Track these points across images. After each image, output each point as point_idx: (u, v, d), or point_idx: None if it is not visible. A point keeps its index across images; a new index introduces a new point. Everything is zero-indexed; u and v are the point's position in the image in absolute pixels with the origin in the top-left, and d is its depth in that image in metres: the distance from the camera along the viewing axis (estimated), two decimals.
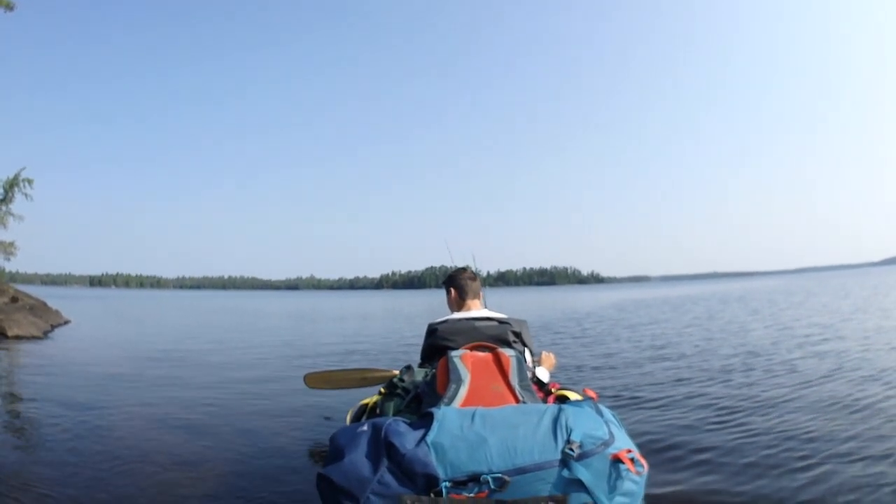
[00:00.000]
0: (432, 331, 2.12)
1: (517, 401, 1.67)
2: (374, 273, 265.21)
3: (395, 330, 12.62)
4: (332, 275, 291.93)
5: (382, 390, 2.19)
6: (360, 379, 3.30)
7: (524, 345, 2.09)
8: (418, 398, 1.94)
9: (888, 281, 32.83)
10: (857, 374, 5.16)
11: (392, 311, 21.98)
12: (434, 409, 1.42)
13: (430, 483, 1.26)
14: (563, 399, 1.87)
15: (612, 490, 1.28)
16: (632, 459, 1.31)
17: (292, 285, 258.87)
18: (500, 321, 2.12)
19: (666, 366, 6.09)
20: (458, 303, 2.35)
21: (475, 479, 1.25)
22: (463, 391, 1.68)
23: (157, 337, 11.38)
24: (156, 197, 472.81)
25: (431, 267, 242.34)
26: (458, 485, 1.26)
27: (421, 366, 2.18)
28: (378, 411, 2.09)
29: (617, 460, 1.29)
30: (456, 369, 1.75)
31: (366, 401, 2.28)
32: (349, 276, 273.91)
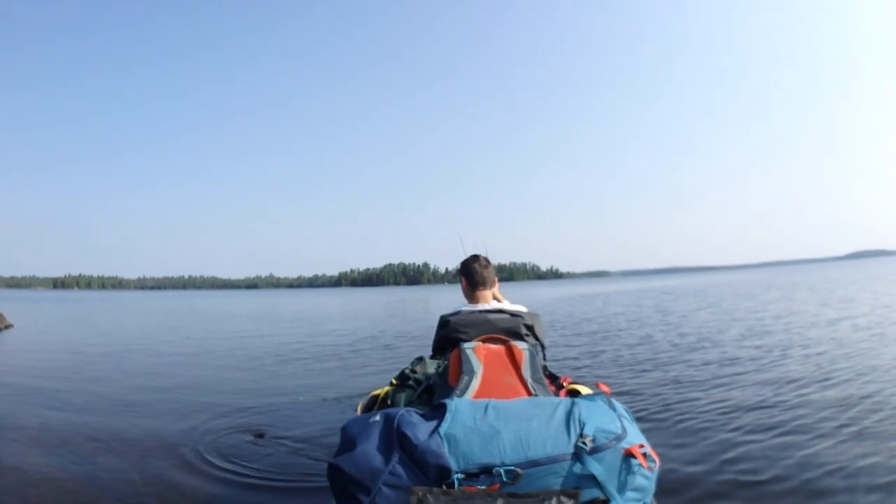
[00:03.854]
0: (444, 323, 2.11)
1: (529, 394, 1.66)
2: (333, 271, 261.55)
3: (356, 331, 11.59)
4: (291, 273, 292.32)
5: (394, 381, 2.20)
6: None
7: (536, 338, 2.08)
8: (430, 390, 1.95)
9: (846, 275, 32.27)
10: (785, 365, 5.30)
11: (353, 310, 20.84)
12: (447, 401, 1.41)
13: (442, 475, 1.26)
14: (575, 393, 1.86)
15: (624, 485, 1.28)
16: (644, 454, 1.30)
17: (252, 284, 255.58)
18: (513, 314, 2.11)
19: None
20: (469, 292, 2.34)
21: (487, 471, 1.25)
22: (475, 383, 1.68)
23: (95, 342, 10.53)
24: (116, 197, 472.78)
25: (390, 264, 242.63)
26: (471, 477, 1.25)
27: (433, 357, 2.18)
28: (389, 402, 2.10)
29: (629, 455, 1.29)
30: (468, 361, 1.75)
31: (377, 391, 2.29)
32: (308, 274, 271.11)
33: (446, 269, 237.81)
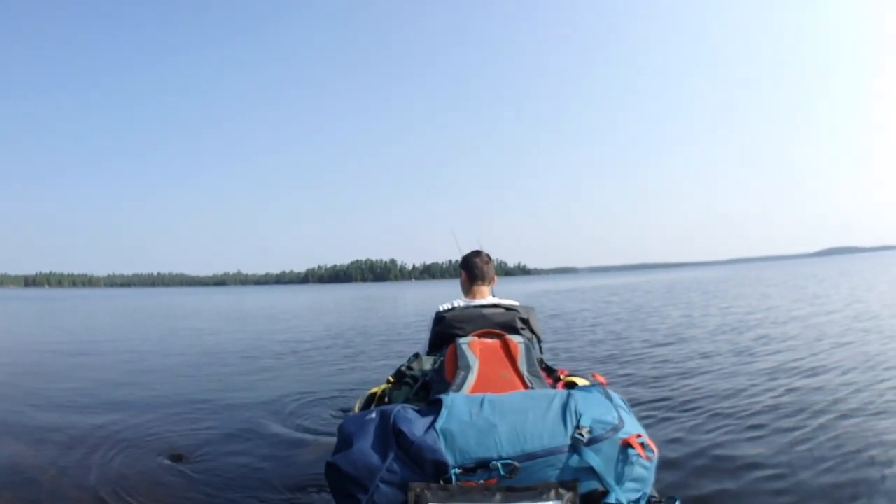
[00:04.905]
0: (439, 318, 2.11)
1: (526, 387, 1.66)
2: (300, 267, 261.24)
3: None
4: (259, 269, 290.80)
5: (391, 378, 2.19)
6: None
7: (532, 331, 2.07)
8: (426, 386, 1.94)
9: (819, 271, 32.13)
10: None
11: (318, 308, 19.40)
12: (442, 396, 1.41)
13: (439, 470, 1.25)
14: (571, 385, 1.86)
15: (622, 475, 1.28)
16: (642, 444, 1.30)
17: (220, 281, 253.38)
18: (508, 308, 2.11)
19: None
20: (467, 286, 2.34)
21: (484, 465, 1.25)
22: (471, 378, 1.67)
23: (47, 341, 9.93)
24: (87, 196, 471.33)
25: (357, 260, 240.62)
26: (468, 471, 1.25)
27: (429, 354, 2.18)
28: (386, 399, 2.09)
29: (627, 445, 1.29)
30: (464, 356, 1.74)
31: (374, 389, 2.28)
32: (275, 270, 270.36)
33: (413, 265, 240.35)
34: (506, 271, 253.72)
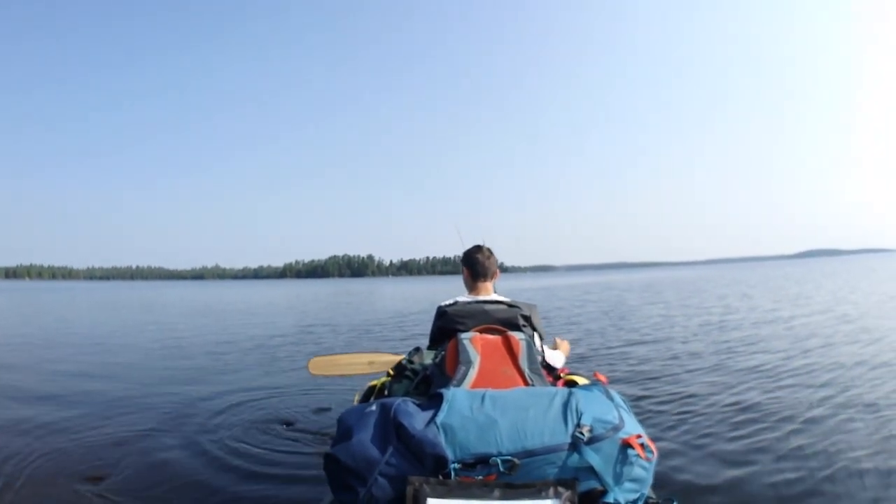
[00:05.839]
0: (442, 313, 2.10)
1: (526, 384, 1.66)
2: (278, 262, 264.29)
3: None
4: (237, 264, 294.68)
5: (391, 372, 2.19)
6: (367, 364, 3.23)
7: (534, 329, 2.07)
8: (427, 380, 1.94)
9: (799, 273, 32.07)
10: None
11: (292, 304, 18.73)
12: (443, 390, 1.41)
13: (438, 464, 1.25)
14: (572, 383, 1.86)
15: (621, 475, 1.28)
16: (641, 445, 1.30)
17: (198, 275, 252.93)
18: (510, 304, 2.11)
19: None
20: (470, 283, 2.33)
21: (484, 461, 1.25)
22: (472, 373, 1.67)
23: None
24: (69, 188, 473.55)
25: (335, 256, 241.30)
26: (467, 466, 1.25)
27: (430, 348, 2.18)
28: (386, 393, 2.09)
29: (627, 445, 1.28)
30: (465, 351, 1.74)
31: (374, 382, 2.29)
32: (253, 265, 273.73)
33: (390, 261, 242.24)
34: None
